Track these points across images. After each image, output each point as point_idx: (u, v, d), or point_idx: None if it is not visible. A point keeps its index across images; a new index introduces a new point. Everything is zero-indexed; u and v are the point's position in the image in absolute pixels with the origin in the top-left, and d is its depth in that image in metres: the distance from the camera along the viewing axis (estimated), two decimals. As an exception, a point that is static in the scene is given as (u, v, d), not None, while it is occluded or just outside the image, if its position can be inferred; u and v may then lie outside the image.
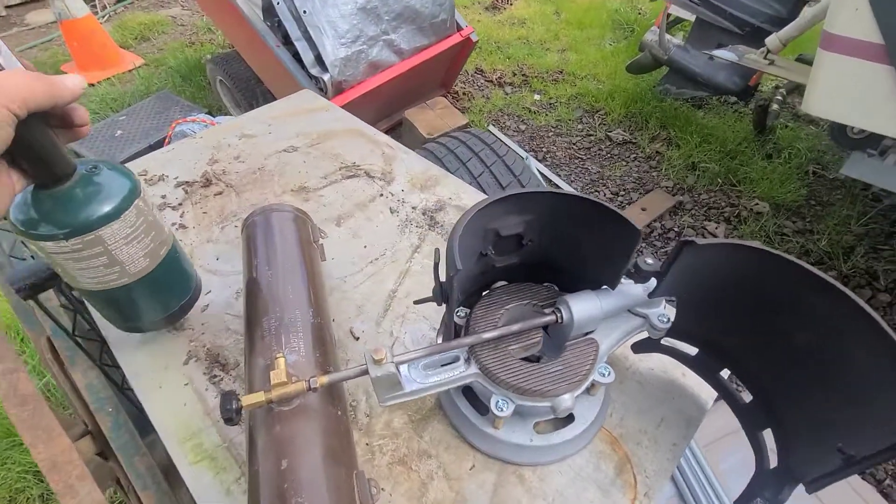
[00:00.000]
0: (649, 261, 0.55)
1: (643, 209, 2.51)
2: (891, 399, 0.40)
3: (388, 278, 0.82)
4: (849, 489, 1.09)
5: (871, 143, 1.71)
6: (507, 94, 3.49)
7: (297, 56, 2.28)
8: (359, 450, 0.60)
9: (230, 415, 0.48)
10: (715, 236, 2.41)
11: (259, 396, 0.49)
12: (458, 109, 3.27)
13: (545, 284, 0.65)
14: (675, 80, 3.19)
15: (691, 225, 2.47)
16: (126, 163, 0.96)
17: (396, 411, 0.65)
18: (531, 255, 0.63)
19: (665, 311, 0.60)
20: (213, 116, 2.53)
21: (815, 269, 0.46)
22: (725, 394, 0.62)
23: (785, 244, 2.34)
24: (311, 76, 2.27)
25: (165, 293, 0.67)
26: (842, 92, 1.35)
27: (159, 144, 2.51)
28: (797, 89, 3.24)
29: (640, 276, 0.56)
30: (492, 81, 3.60)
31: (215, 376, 0.68)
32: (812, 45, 3.48)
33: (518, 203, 0.56)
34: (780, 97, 2.87)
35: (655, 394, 0.66)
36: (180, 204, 0.96)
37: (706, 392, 0.66)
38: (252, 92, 2.75)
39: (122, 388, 0.81)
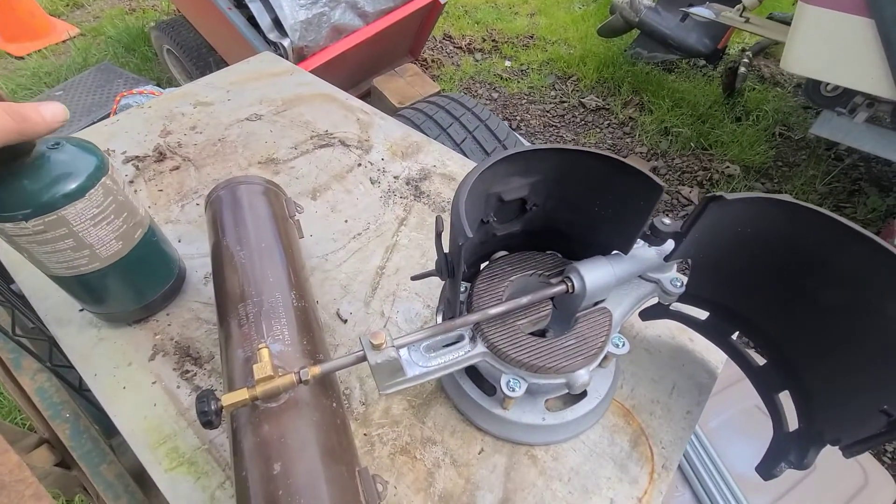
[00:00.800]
0: (667, 221, 0.51)
1: (619, 175, 2.50)
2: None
3: (375, 254, 0.75)
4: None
5: (843, 100, 1.73)
6: (477, 60, 3.37)
7: (252, 20, 2.11)
8: (357, 442, 0.55)
9: (209, 417, 0.41)
10: (690, 201, 2.43)
11: (242, 394, 0.43)
12: (429, 77, 3.14)
13: (548, 253, 0.60)
14: (646, 44, 3.16)
15: (666, 190, 2.48)
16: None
17: (395, 398, 0.59)
18: (534, 222, 0.58)
19: (678, 276, 0.57)
20: (163, 89, 2.32)
21: (848, 222, 0.43)
22: (738, 357, 0.59)
23: (755, 205, 2.38)
24: (269, 42, 2.10)
25: (144, 279, 0.62)
26: (820, 47, 1.34)
27: (104, 121, 2.29)
28: (763, 52, 3.26)
29: (656, 238, 0.52)
30: (461, 48, 3.47)
31: (187, 371, 0.61)
32: (783, 4, 3.49)
33: (523, 163, 0.50)
34: (746, 60, 2.89)
35: (665, 361, 0.64)
36: (131, 181, 0.85)
37: (715, 357, 0.64)
38: (204, 61, 2.54)
39: (79, 390, 0.72)
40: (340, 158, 0.92)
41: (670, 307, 0.62)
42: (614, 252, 0.55)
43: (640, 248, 0.55)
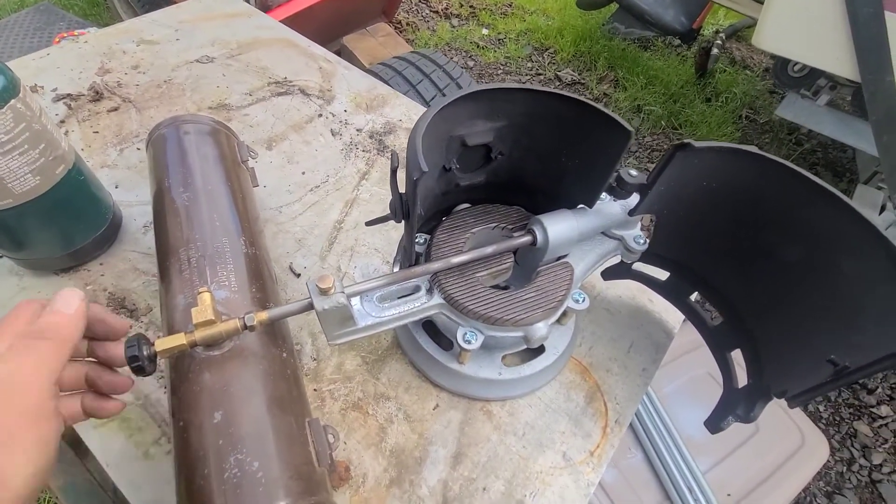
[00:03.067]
0: (633, 172, 0.49)
1: (591, 151, 2.50)
2: (884, 305, 0.38)
3: (333, 208, 0.72)
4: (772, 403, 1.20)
5: (808, 82, 1.76)
6: (453, 26, 3.26)
7: (211, -37, 1.94)
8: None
9: (140, 363, 0.38)
10: (656, 178, 2.47)
11: (179, 339, 0.39)
12: (407, 41, 3.02)
13: (513, 207, 0.58)
14: (624, 19, 3.13)
15: (635, 167, 2.50)
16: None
17: (348, 353, 0.57)
18: (499, 174, 0.56)
19: (641, 233, 0.56)
20: (111, 34, 2.13)
21: (816, 178, 0.42)
22: (694, 317, 0.60)
23: (719, 185, 2.45)
24: (230, -11, 1.95)
25: (70, 223, 0.56)
26: (792, 25, 1.35)
27: (44, 67, 2.09)
28: (735, 34, 3.30)
29: (622, 190, 0.50)
30: (437, 12, 3.35)
31: (140, 319, 0.56)
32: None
33: (489, 103, 0.47)
34: (720, 41, 2.91)
35: (624, 321, 0.63)
36: (63, 122, 0.77)
37: (673, 317, 0.64)
38: (158, 6, 2.35)
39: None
40: (300, 108, 0.86)
41: (632, 267, 0.61)
42: (580, 206, 0.53)
43: (606, 204, 0.54)
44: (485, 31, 3.26)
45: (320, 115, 0.85)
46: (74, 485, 0.56)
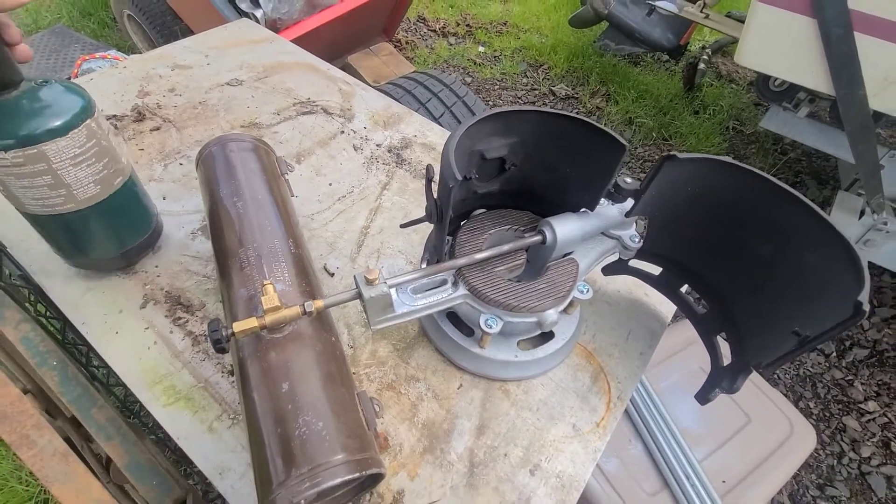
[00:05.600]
0: (628, 180, 0.58)
1: (586, 162, 2.61)
2: (838, 287, 0.46)
3: (359, 215, 0.79)
4: (762, 396, 1.28)
5: (789, 96, 1.87)
6: (451, 44, 3.39)
7: (222, -12, 2.05)
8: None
9: (221, 344, 0.45)
10: (649, 187, 2.57)
11: (251, 322, 0.46)
12: (406, 58, 3.14)
13: (524, 212, 0.66)
14: (614, 36, 3.26)
15: (630, 175, 2.60)
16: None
17: (380, 341, 0.64)
18: (512, 182, 0.64)
19: (636, 233, 0.64)
20: (127, 55, 2.22)
21: (781, 183, 0.51)
22: (685, 307, 0.68)
23: (709, 193, 2.55)
24: (240, 12, 2.05)
25: (121, 226, 0.63)
26: (770, 43, 1.45)
27: (60, 87, 2.17)
28: (721, 50, 3.44)
29: (619, 195, 0.58)
30: (435, 31, 3.48)
31: (179, 318, 0.64)
32: (740, 4, 3.66)
33: (505, 123, 0.55)
34: (706, 57, 3.04)
35: (623, 311, 0.71)
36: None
37: (666, 308, 0.72)
38: (169, 30, 2.44)
39: (63, 342, 0.73)
40: (323, 125, 0.94)
41: (629, 263, 0.69)
42: (583, 210, 0.61)
43: (605, 207, 0.62)
44: (481, 49, 3.39)
45: (342, 132, 0.93)
46: (137, 462, 0.62)
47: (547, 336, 0.63)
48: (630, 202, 0.60)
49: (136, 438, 0.64)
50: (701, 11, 1.95)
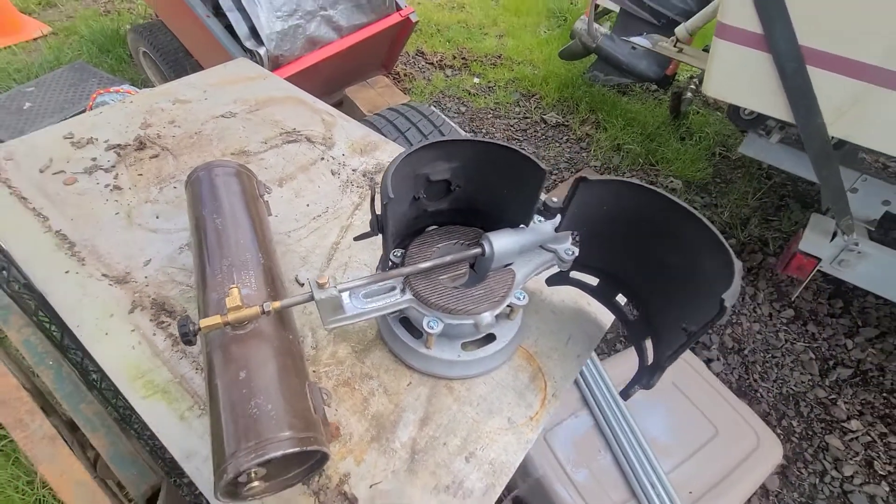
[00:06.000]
0: (554, 199, 0.66)
1: (574, 186, 2.70)
2: (720, 288, 0.53)
3: (331, 232, 0.88)
4: (730, 408, 1.31)
5: (760, 123, 1.96)
6: (447, 76, 3.55)
7: (229, 28, 2.21)
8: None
9: (188, 337, 0.53)
10: (636, 211, 2.65)
11: (216, 319, 0.54)
12: (400, 90, 3.30)
13: (471, 228, 0.74)
14: (603, 68, 3.41)
15: (555, 196, 2.69)
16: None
17: (340, 343, 0.71)
18: (459, 201, 0.72)
19: (570, 246, 0.71)
20: (139, 89, 2.39)
21: (680, 201, 0.58)
22: (619, 314, 0.74)
23: (694, 216, 2.62)
24: (245, 49, 2.21)
25: None
26: (732, 76, 1.55)
27: (77, 118, 2.33)
28: (707, 79, 3.57)
29: (548, 213, 0.66)
30: (432, 64, 3.65)
31: (162, 322, 0.71)
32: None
33: (444, 150, 0.64)
34: (693, 86, 3.17)
35: (565, 319, 0.78)
36: (113, 166, 0.95)
37: (605, 316, 0.79)
38: (181, 65, 2.62)
39: (61, 346, 0.81)
40: (306, 153, 1.04)
41: (570, 275, 0.77)
42: (521, 226, 0.69)
43: (540, 224, 0.70)
44: (476, 80, 3.55)
45: (322, 159, 1.03)
46: (119, 453, 0.69)
47: (489, 339, 0.70)
48: (559, 218, 0.68)
49: (119, 431, 0.71)
50: (674, 46, 2.07)
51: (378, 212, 0.58)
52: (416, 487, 0.58)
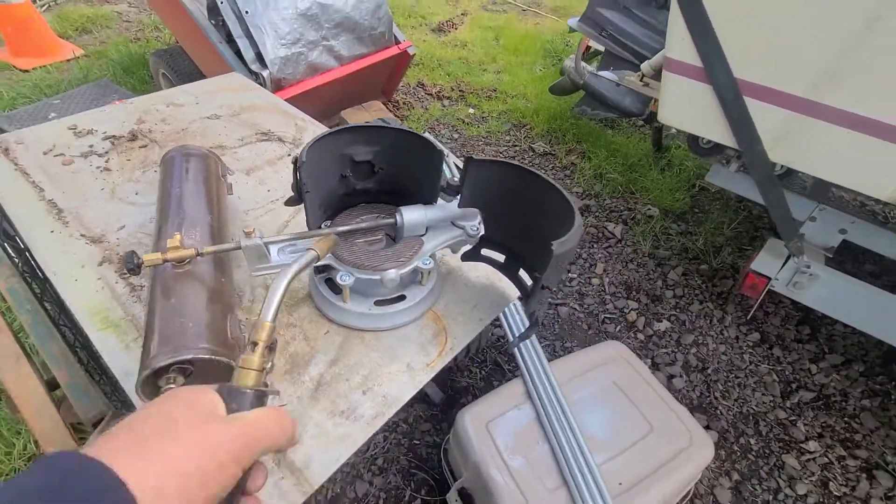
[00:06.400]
0: (455, 179, 0.78)
1: (554, 209, 2.83)
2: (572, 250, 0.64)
3: (285, 213, 1.01)
4: (667, 409, 1.37)
5: (718, 152, 2.09)
6: (444, 106, 3.78)
7: (239, 54, 2.44)
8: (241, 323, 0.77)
9: (132, 265, 0.65)
10: (613, 235, 2.75)
11: (157, 255, 0.66)
12: (398, 117, 3.52)
13: (395, 206, 0.86)
14: (590, 103, 3.60)
15: (594, 224, 2.80)
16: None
17: (274, 299, 0.83)
18: (384, 182, 0.85)
19: (476, 224, 0.83)
20: (153, 104, 2.60)
21: (545, 176, 0.70)
22: (521, 288, 0.85)
23: (669, 242, 2.72)
24: (251, 72, 2.43)
25: None
26: (681, 105, 1.69)
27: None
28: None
29: (450, 191, 0.78)
30: (431, 94, 3.89)
31: (125, 274, 0.84)
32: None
33: (364, 134, 0.77)
34: (674, 121, 3.33)
35: (476, 291, 0.89)
36: (106, 152, 1.10)
37: (513, 290, 0.89)
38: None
39: (40, 299, 0.93)
40: (276, 150, 1.19)
41: (481, 252, 0.88)
42: (433, 204, 0.81)
43: (448, 202, 0.81)
44: (471, 111, 3.77)
45: (289, 155, 1.17)
46: (76, 383, 0.80)
47: (400, 298, 0.80)
48: (460, 197, 0.80)
49: (78, 367, 0.82)
50: (640, 80, 2.23)
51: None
52: (316, 410, 0.68)
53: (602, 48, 3.44)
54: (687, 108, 1.69)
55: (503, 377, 1.96)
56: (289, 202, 0.78)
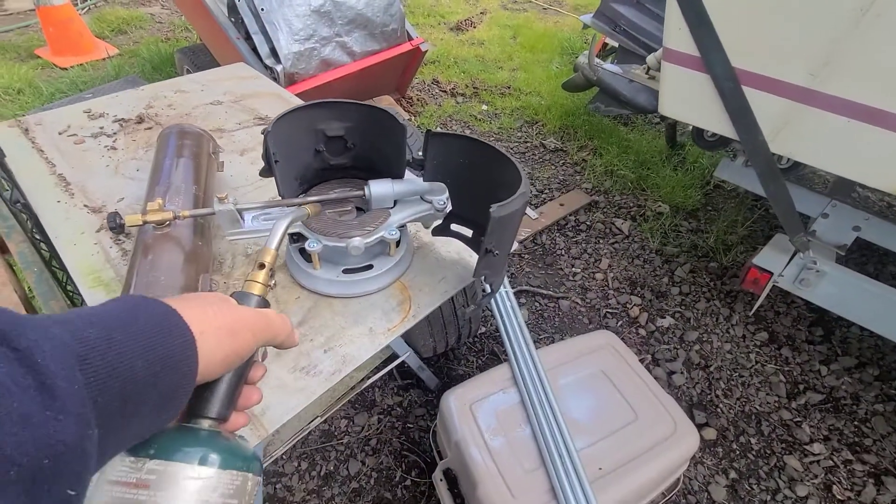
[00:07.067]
0: (419, 153, 0.81)
1: (561, 204, 2.82)
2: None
3: (272, 189, 1.06)
4: (653, 398, 1.36)
5: (723, 145, 2.05)
6: (457, 103, 3.81)
7: (255, 50, 2.54)
8: (219, 286, 0.83)
9: (114, 225, 0.71)
10: (621, 231, 2.73)
11: (137, 216, 0.72)
12: (411, 113, 3.57)
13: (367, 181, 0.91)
14: (604, 100, 3.57)
15: (601, 220, 2.78)
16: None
17: (251, 266, 0.88)
18: (358, 159, 0.89)
19: (444, 199, 0.86)
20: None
21: (498, 147, 0.73)
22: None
23: (678, 239, 2.67)
24: (266, 67, 2.53)
25: None
26: (681, 96, 1.68)
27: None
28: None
29: (415, 165, 0.82)
30: (445, 91, 3.93)
31: (119, 240, 0.91)
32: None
33: (337, 110, 0.82)
34: (690, 118, 3.27)
35: (445, 264, 0.92)
36: (115, 133, 1.18)
37: (482, 265, 0.92)
38: (215, 81, 2.99)
39: (47, 263, 1.01)
40: (271, 133, 1.25)
41: (451, 227, 0.91)
42: (401, 179, 0.85)
43: (416, 177, 0.85)
44: (484, 108, 3.79)
45: (283, 138, 1.23)
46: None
47: (368, 268, 0.84)
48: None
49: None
50: (646, 74, 2.21)
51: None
52: (278, 365, 0.72)
53: (616, 44, 3.42)
54: (687, 99, 1.67)
55: (499, 366, 1.97)
56: (262, 172, 0.83)
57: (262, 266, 0.58)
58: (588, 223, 2.77)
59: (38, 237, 1.01)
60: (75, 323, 0.29)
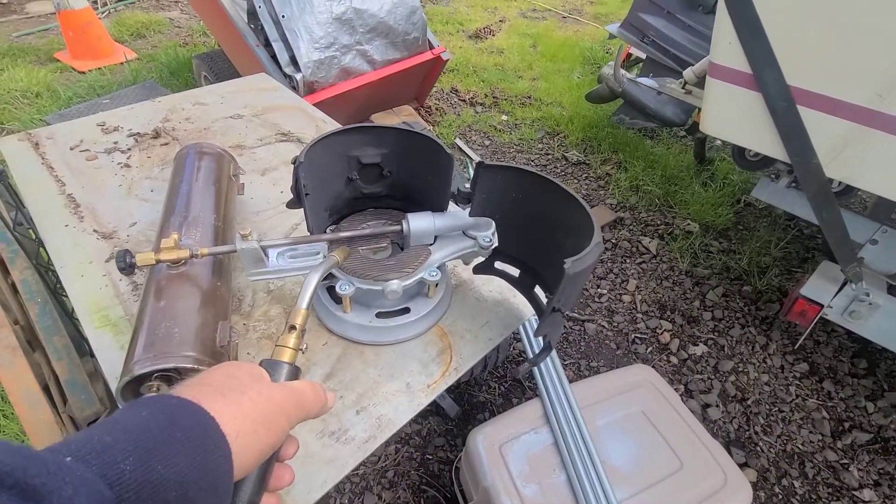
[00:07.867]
0: (466, 185, 0.72)
1: (585, 221, 2.72)
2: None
3: (295, 216, 0.98)
4: (699, 444, 1.24)
5: (766, 166, 1.94)
6: (477, 112, 3.73)
7: (275, 57, 2.48)
8: (237, 327, 0.74)
9: (123, 265, 0.62)
10: (648, 250, 2.61)
11: (150, 255, 0.64)
12: (430, 122, 3.50)
13: (404, 212, 0.82)
14: (629, 112, 3.47)
15: (627, 238, 2.67)
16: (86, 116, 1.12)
17: (275, 304, 0.79)
18: (394, 187, 0.80)
19: (489, 234, 0.77)
20: (192, 105, 2.69)
21: (562, 184, 0.63)
22: (536, 307, 0.78)
23: (709, 260, 2.55)
24: (285, 75, 2.47)
25: None
26: (726, 114, 1.57)
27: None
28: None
29: (461, 198, 0.73)
30: (465, 100, 3.85)
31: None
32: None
33: (372, 135, 0.73)
34: (719, 133, 3.15)
35: (487, 306, 0.82)
36: (129, 149, 1.11)
37: (527, 308, 0.82)
38: (233, 88, 2.94)
39: (53, 291, 0.94)
40: (294, 151, 1.16)
41: (495, 265, 0.82)
42: (443, 211, 0.76)
43: (459, 210, 0.76)
44: (504, 118, 3.70)
45: (306, 157, 1.15)
46: (74, 380, 0.79)
47: (404, 311, 0.75)
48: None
49: (79, 363, 0.81)
50: (682, 88, 2.11)
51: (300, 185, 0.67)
52: (304, 428, 0.63)
53: (643, 55, 3.32)
54: (733, 117, 1.56)
55: (523, 395, 1.87)
56: (290, 204, 0.74)
57: (292, 328, 0.53)
58: (613, 241, 2.66)
59: (43, 264, 0.94)
60: (109, 455, 0.27)
